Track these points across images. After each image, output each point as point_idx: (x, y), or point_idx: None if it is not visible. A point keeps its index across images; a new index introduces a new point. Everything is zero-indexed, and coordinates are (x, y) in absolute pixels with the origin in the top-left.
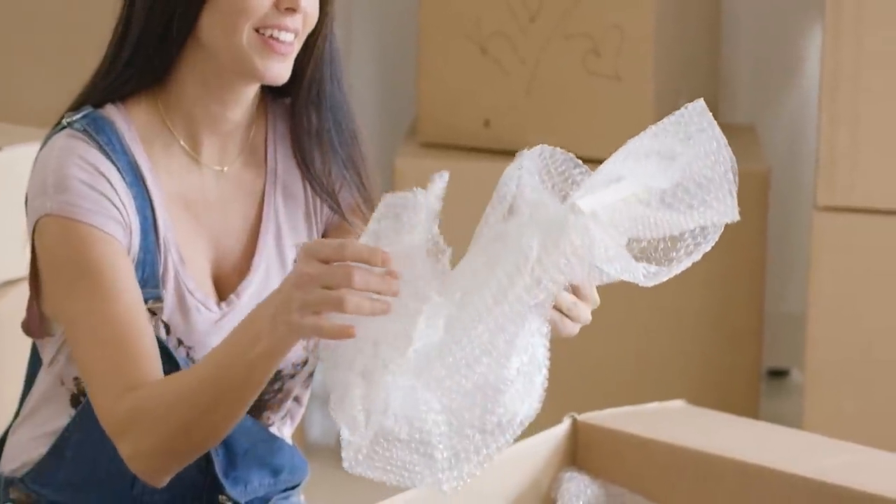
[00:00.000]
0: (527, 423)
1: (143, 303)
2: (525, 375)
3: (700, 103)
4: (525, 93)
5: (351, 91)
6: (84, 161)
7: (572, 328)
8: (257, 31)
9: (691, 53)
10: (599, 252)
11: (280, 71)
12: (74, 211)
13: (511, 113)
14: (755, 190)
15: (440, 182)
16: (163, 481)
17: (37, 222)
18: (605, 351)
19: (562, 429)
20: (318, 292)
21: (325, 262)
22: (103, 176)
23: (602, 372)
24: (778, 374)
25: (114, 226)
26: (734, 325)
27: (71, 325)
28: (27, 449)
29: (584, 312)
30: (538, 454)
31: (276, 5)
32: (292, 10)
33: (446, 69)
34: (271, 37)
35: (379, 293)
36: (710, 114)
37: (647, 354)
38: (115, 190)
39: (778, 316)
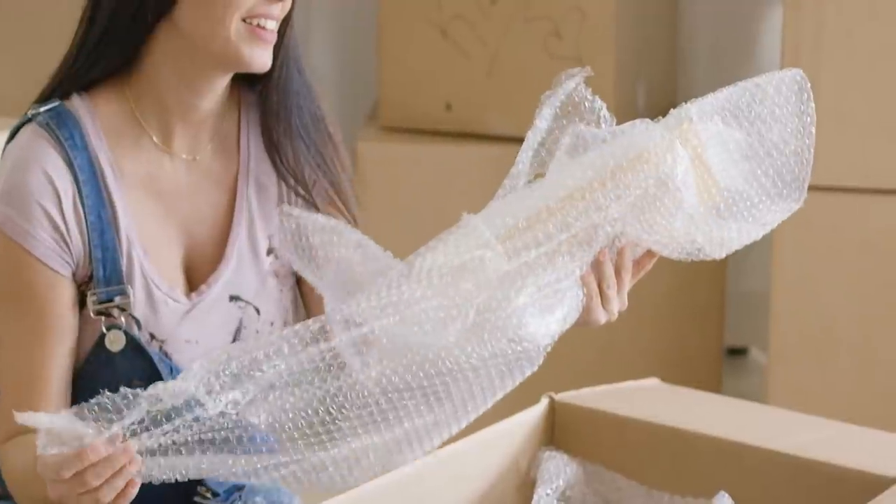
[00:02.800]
0: (530, 355)
1: (70, 335)
2: (546, 303)
3: (798, 73)
4: (486, 76)
5: (312, 75)
6: (41, 170)
7: (598, 314)
8: (243, 20)
9: (651, 35)
10: (679, 171)
11: (266, 59)
12: (17, 231)
13: (472, 96)
14: None
15: None
16: None
17: None
18: (570, 331)
19: (539, 408)
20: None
21: (62, 480)
22: (55, 190)
23: (566, 352)
24: (736, 352)
25: (52, 253)
26: (697, 305)
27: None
28: None
29: (614, 303)
30: (516, 434)
31: None
32: None
33: (407, 53)
34: (258, 25)
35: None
36: (810, 87)
37: (610, 333)
38: (61, 205)
39: (735, 295)
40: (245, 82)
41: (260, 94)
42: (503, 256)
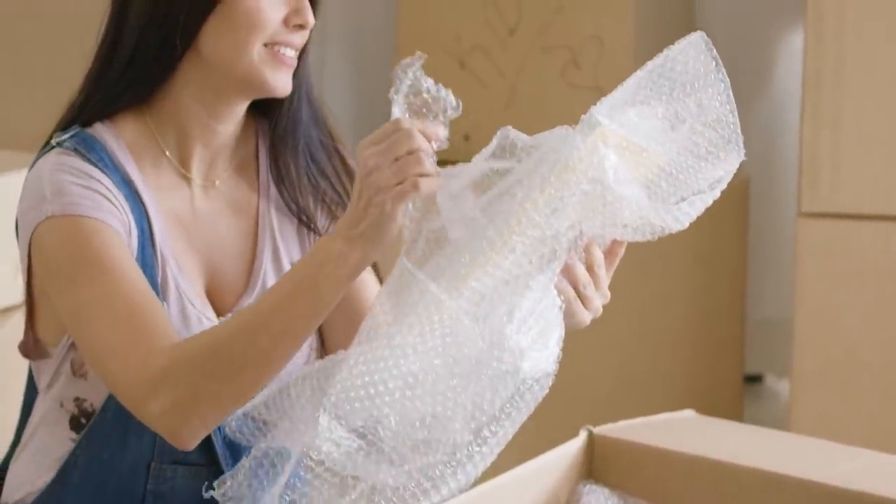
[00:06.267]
0: (542, 383)
1: (149, 285)
2: (538, 330)
3: (700, 36)
4: (505, 106)
5: (324, 105)
6: (77, 170)
7: (583, 315)
8: (265, 45)
9: None
10: (609, 171)
11: (287, 83)
12: (75, 208)
13: (491, 127)
14: (735, 200)
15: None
16: (190, 442)
17: (34, 231)
18: (589, 361)
19: (578, 442)
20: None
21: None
22: (99, 182)
23: (585, 382)
24: (752, 379)
25: (115, 221)
26: (716, 333)
27: (79, 313)
28: (31, 478)
29: (596, 300)
30: (555, 468)
31: (286, 22)
32: (301, 26)
33: None
34: (279, 51)
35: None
36: (713, 49)
37: (630, 363)
38: (111, 193)
39: (750, 322)
40: (260, 111)
41: (270, 120)
42: (470, 313)
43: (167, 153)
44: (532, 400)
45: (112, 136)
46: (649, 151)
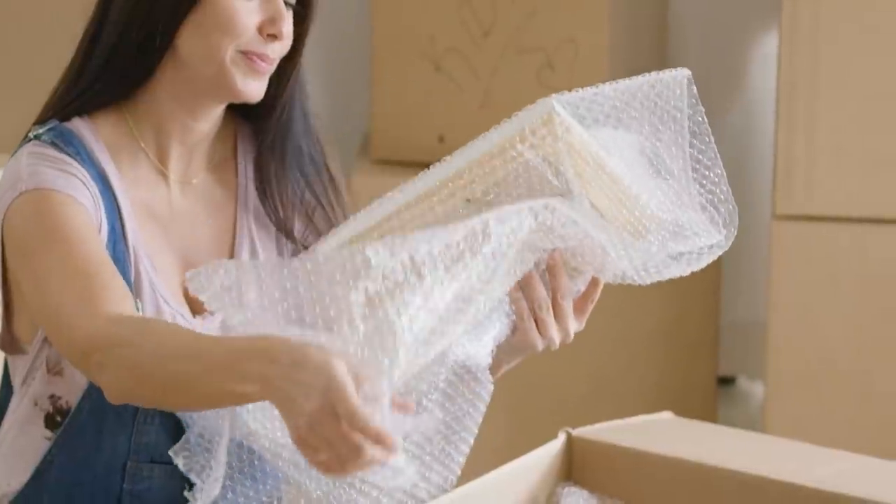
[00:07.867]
0: (477, 377)
1: (109, 257)
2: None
3: (685, 74)
4: (479, 108)
5: (318, 119)
6: (54, 158)
7: (534, 338)
8: (241, 51)
9: (643, 67)
10: (553, 172)
11: (258, 89)
12: (48, 183)
13: (466, 128)
14: None
15: None
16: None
17: (7, 210)
18: (563, 363)
19: (557, 444)
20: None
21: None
22: (76, 168)
23: (559, 385)
24: (724, 381)
25: (85, 200)
26: (690, 335)
27: (37, 282)
28: (6, 479)
29: (552, 329)
30: (534, 470)
31: (260, 30)
32: (275, 36)
33: (400, 85)
34: (253, 57)
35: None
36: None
37: (604, 364)
38: (87, 180)
39: (725, 324)
40: (242, 113)
41: (258, 128)
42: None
43: (145, 149)
44: (467, 393)
45: (89, 131)
46: (614, 177)
